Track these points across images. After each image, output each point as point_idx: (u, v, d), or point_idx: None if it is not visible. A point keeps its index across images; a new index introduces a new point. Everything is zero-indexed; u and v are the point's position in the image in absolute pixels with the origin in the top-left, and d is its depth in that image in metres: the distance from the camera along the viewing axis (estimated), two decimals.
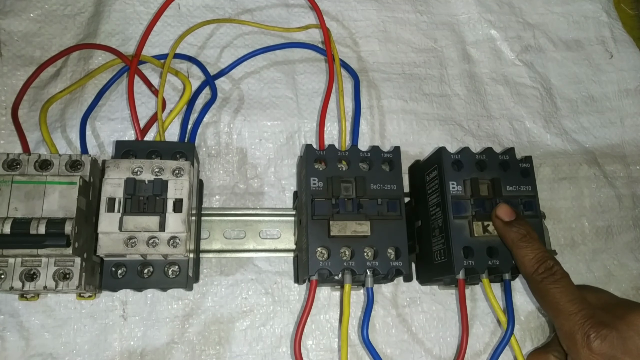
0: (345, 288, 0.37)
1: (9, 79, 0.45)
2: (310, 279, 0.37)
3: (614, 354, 0.32)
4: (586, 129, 0.51)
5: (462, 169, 0.39)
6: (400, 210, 0.38)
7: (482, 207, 0.38)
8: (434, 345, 0.42)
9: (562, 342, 0.35)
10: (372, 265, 0.37)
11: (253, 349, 0.40)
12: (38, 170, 0.35)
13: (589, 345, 0.33)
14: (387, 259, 0.37)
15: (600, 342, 0.32)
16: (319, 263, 0.36)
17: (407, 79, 0.50)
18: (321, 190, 0.38)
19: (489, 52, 0.52)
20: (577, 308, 0.34)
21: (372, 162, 0.39)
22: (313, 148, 0.39)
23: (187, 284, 0.37)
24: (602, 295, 0.38)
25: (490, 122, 0.50)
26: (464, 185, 0.38)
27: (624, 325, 0.33)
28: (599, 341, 0.33)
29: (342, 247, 0.37)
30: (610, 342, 0.32)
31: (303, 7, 0.52)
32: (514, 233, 0.36)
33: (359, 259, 0.37)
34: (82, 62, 0.46)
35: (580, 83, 0.53)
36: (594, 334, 0.33)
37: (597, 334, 0.33)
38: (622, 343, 0.32)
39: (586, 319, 0.33)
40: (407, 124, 0.48)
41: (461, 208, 0.38)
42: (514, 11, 0.54)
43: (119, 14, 0.48)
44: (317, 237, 0.37)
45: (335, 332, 0.41)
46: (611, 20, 0.55)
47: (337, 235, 0.37)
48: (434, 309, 0.43)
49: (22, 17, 0.46)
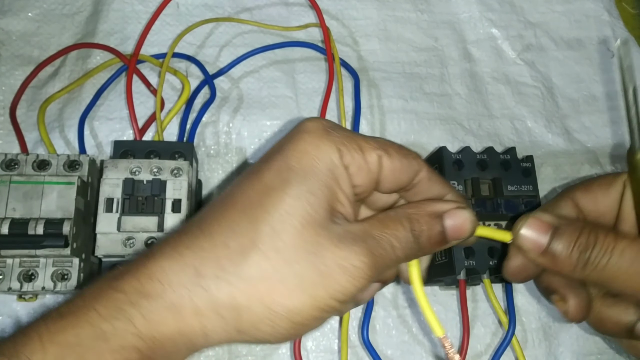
0: None
1: (7, 79, 0.44)
2: None
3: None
4: (588, 128, 0.51)
5: (463, 168, 0.39)
6: None
7: (483, 207, 0.38)
8: (435, 346, 0.42)
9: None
10: None
11: (252, 350, 0.40)
12: (36, 170, 0.35)
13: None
14: None
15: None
16: None
17: (408, 78, 0.50)
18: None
19: (490, 51, 0.52)
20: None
21: None
22: None
23: None
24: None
25: (492, 121, 0.49)
26: (465, 185, 0.38)
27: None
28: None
29: None
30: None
31: (303, 5, 0.51)
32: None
33: None
34: (81, 62, 0.46)
35: (581, 82, 0.52)
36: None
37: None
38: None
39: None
40: (408, 123, 0.48)
41: None
42: (515, 10, 0.54)
43: (118, 13, 0.48)
44: None
45: (335, 333, 0.41)
46: (613, 19, 0.55)
47: None
48: (435, 310, 0.42)
49: (21, 16, 0.46)
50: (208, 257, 0.23)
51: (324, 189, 0.23)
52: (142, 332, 0.22)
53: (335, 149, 0.24)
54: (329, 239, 0.23)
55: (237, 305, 0.22)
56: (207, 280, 0.22)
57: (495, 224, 0.37)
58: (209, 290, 0.22)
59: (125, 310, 0.22)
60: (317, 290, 0.22)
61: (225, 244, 0.23)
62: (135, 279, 0.23)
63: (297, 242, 0.22)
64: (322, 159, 0.24)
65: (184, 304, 0.22)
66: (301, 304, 0.22)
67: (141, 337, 0.22)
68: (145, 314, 0.22)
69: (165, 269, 0.23)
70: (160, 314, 0.22)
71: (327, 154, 0.24)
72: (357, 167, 0.24)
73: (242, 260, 0.22)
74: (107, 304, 0.22)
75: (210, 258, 0.23)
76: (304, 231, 0.23)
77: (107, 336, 0.21)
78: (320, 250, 0.22)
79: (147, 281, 0.22)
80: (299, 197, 0.23)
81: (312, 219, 0.23)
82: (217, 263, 0.22)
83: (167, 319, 0.22)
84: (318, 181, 0.23)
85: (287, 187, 0.23)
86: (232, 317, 0.22)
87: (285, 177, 0.23)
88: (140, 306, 0.22)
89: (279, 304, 0.22)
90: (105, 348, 0.21)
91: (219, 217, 0.24)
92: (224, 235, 0.23)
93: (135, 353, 0.22)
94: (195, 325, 0.22)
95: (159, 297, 0.22)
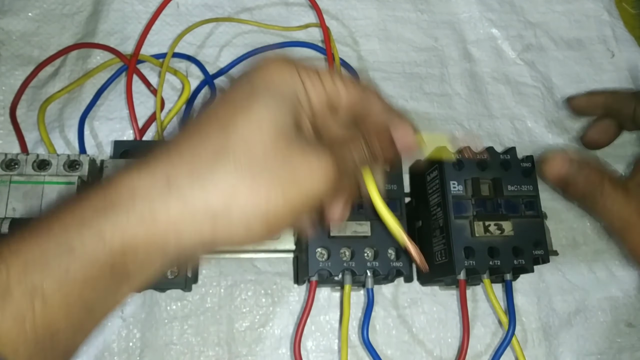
0: (345, 289, 0.36)
1: (7, 79, 0.44)
2: (310, 280, 0.37)
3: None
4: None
5: (463, 168, 0.39)
6: (400, 210, 0.38)
7: (483, 207, 0.38)
8: (435, 346, 0.42)
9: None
10: (372, 266, 0.36)
11: (252, 350, 0.40)
12: (36, 170, 0.35)
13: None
14: (388, 259, 0.37)
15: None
16: (319, 264, 0.36)
17: (408, 78, 0.50)
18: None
19: (490, 51, 0.52)
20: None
21: None
22: None
23: (186, 285, 0.37)
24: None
25: (492, 121, 0.49)
26: (465, 185, 0.38)
27: None
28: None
29: (342, 248, 0.37)
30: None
31: (303, 5, 0.51)
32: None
33: (359, 260, 0.36)
34: (81, 62, 0.46)
35: (581, 82, 0.52)
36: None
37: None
38: None
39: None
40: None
41: (462, 208, 0.37)
42: (515, 10, 0.54)
43: (118, 13, 0.48)
44: (317, 238, 0.37)
45: (335, 333, 0.41)
46: (612, 19, 0.55)
47: (337, 236, 0.37)
48: (435, 309, 0.43)
49: (21, 16, 0.46)
50: (180, 165, 0.23)
51: (289, 105, 0.25)
52: (113, 245, 0.21)
53: (296, 73, 0.26)
54: (298, 146, 0.24)
55: (213, 211, 0.22)
56: (180, 188, 0.22)
57: (495, 224, 0.37)
58: (183, 198, 0.22)
59: (94, 223, 0.21)
60: (290, 191, 0.23)
61: (196, 153, 0.23)
62: (103, 192, 0.22)
63: (267, 148, 0.23)
64: (285, 81, 0.25)
65: (158, 214, 0.22)
66: (275, 205, 0.23)
67: (112, 251, 0.21)
68: (115, 222, 0.21)
69: (134, 180, 0.22)
70: (131, 225, 0.21)
71: (290, 77, 0.25)
72: (316, 93, 0.26)
73: (215, 166, 0.23)
74: (74, 218, 0.21)
75: (182, 166, 0.23)
76: (274, 137, 0.23)
77: (76, 251, 0.21)
78: (290, 154, 0.23)
79: (117, 193, 0.22)
80: (266, 108, 0.24)
81: (280, 127, 0.24)
82: (190, 170, 0.22)
83: (139, 230, 0.21)
84: (283, 98, 0.25)
85: (255, 101, 0.24)
86: (207, 224, 0.22)
87: (252, 94, 0.24)
88: (109, 218, 0.21)
89: (254, 206, 0.23)
90: (74, 263, 0.21)
91: (189, 134, 0.24)
92: (194, 146, 0.23)
93: (106, 267, 0.21)
94: (169, 234, 0.22)
95: (130, 208, 0.21)
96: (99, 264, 0.21)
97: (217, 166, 0.23)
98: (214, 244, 0.24)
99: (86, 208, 0.21)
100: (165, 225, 0.22)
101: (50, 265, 0.20)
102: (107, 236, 0.21)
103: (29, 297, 0.20)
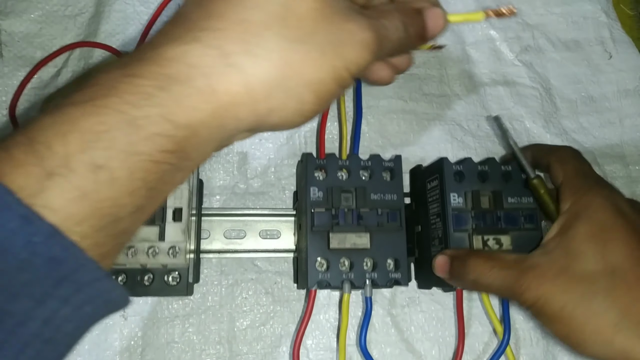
0: (344, 298, 0.37)
1: (10, 80, 0.45)
2: (309, 289, 0.37)
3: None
4: (585, 129, 0.51)
5: (464, 180, 0.38)
6: (400, 220, 0.38)
7: (482, 220, 0.37)
8: (433, 345, 0.42)
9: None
10: (371, 277, 0.37)
11: (253, 348, 0.40)
12: None
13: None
14: (386, 270, 0.37)
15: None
16: (318, 275, 0.36)
17: (407, 79, 0.50)
18: (321, 200, 0.38)
19: (488, 53, 0.52)
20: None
21: (373, 170, 0.39)
22: (313, 157, 0.39)
23: (187, 290, 0.37)
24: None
25: (490, 122, 0.50)
26: (465, 197, 0.38)
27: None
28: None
29: (342, 258, 0.37)
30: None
31: None
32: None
33: (358, 270, 0.37)
34: (82, 63, 0.46)
35: (579, 83, 0.53)
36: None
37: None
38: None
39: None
40: (407, 123, 0.48)
41: (462, 221, 0.37)
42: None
43: (119, 14, 0.48)
44: (316, 248, 0.37)
45: (334, 331, 0.41)
46: (610, 21, 0.55)
47: (337, 248, 0.37)
48: (433, 308, 0.43)
49: (23, 17, 0.46)
50: (229, 35, 0.21)
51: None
52: (176, 118, 0.20)
53: None
54: (341, 13, 0.23)
55: (270, 81, 0.22)
56: (236, 57, 0.21)
57: (494, 238, 0.37)
58: (240, 67, 0.21)
59: (155, 96, 0.20)
60: (335, 61, 0.23)
61: (243, 19, 0.22)
62: (157, 65, 0.21)
63: (313, 14, 0.22)
64: None
65: (218, 85, 0.21)
66: (324, 74, 0.23)
67: (176, 124, 0.20)
68: (178, 98, 0.20)
69: (186, 52, 0.21)
70: (194, 98, 0.21)
71: None
72: None
73: (266, 33, 0.22)
74: (132, 89, 0.20)
75: (231, 36, 0.21)
76: (318, 3, 0.23)
77: (139, 122, 0.19)
78: (334, 22, 0.23)
79: (173, 65, 0.21)
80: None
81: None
82: (242, 39, 0.21)
83: (202, 103, 0.21)
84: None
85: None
86: (264, 95, 0.22)
87: None
88: (171, 91, 0.20)
89: (307, 76, 0.22)
90: (137, 135, 0.19)
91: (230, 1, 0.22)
92: (237, 12, 0.22)
93: (169, 142, 0.20)
94: (229, 108, 0.21)
95: (190, 80, 0.21)
96: (164, 141, 0.20)
97: (269, 34, 0.22)
98: (266, 122, 0.23)
99: (145, 84, 0.20)
100: (225, 98, 0.21)
101: (116, 141, 0.19)
102: (172, 111, 0.20)
103: (93, 172, 0.19)
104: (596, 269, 0.30)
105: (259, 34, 0.22)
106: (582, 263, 0.31)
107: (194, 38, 0.21)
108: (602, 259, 0.30)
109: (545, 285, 0.30)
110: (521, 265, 0.32)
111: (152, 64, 0.21)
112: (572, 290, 0.30)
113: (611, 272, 0.30)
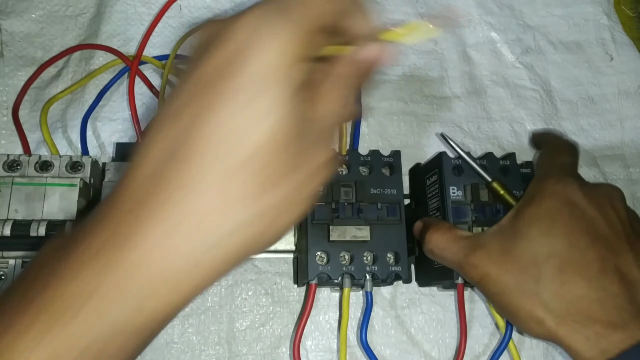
0: (344, 292, 0.37)
1: (11, 79, 0.45)
2: (310, 283, 0.37)
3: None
4: (586, 130, 0.51)
5: (463, 174, 0.39)
6: (400, 214, 0.38)
7: (482, 212, 0.38)
8: (433, 346, 0.42)
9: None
10: (371, 270, 0.37)
11: (252, 349, 0.40)
12: (38, 171, 0.36)
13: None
14: (387, 263, 0.37)
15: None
16: (319, 267, 0.36)
17: (408, 81, 0.50)
18: (321, 195, 0.38)
19: (489, 54, 0.52)
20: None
21: (372, 166, 0.39)
22: None
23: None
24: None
25: (491, 124, 0.50)
26: (464, 190, 0.38)
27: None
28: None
29: (342, 252, 0.37)
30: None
31: None
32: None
33: (359, 264, 0.37)
34: (83, 63, 0.46)
35: (580, 85, 0.53)
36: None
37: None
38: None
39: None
40: (408, 125, 0.48)
41: (461, 214, 0.38)
42: (514, 13, 0.54)
43: (120, 15, 0.48)
44: (316, 242, 0.37)
45: (334, 332, 0.41)
46: (611, 23, 0.55)
47: (337, 240, 0.37)
48: (433, 310, 0.43)
49: (24, 17, 0.46)
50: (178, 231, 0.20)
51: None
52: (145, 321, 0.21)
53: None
54: (303, 144, 0.22)
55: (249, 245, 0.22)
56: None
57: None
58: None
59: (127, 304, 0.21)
60: (303, 206, 0.24)
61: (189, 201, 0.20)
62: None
63: (272, 159, 0.21)
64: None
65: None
66: (294, 220, 0.23)
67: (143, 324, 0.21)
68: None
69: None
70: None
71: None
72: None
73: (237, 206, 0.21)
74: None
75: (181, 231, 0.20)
76: (281, 142, 0.21)
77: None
78: (295, 169, 0.23)
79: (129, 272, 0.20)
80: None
81: (287, 122, 0.21)
82: (199, 222, 0.20)
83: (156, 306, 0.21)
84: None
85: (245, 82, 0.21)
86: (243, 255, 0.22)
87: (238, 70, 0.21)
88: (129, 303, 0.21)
89: (279, 235, 0.23)
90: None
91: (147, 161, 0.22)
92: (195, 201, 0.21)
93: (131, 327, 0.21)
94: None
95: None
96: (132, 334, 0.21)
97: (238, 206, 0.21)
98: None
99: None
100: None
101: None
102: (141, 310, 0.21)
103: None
104: (537, 252, 0.32)
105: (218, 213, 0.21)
106: (526, 245, 0.32)
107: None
108: (545, 242, 0.32)
109: (490, 265, 0.32)
110: (473, 243, 0.34)
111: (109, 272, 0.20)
112: (513, 271, 0.32)
113: (549, 255, 0.31)
